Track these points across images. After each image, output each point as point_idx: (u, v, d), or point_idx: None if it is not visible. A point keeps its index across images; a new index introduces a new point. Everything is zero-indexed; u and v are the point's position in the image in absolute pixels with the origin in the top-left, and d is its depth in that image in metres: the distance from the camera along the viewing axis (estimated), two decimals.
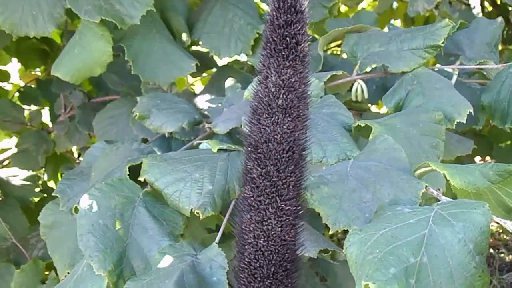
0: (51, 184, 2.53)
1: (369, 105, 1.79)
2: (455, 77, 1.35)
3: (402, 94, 1.25)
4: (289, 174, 0.74)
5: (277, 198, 0.73)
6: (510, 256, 3.12)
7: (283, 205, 0.73)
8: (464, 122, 1.15)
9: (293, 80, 0.73)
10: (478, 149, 1.86)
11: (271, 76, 0.74)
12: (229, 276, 0.95)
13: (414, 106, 1.19)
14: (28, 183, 2.25)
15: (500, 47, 1.96)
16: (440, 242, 0.72)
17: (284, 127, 0.73)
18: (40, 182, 2.42)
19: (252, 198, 0.74)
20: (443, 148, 1.10)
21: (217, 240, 1.06)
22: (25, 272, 1.78)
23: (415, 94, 1.22)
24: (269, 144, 0.73)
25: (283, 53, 0.73)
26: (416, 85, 1.23)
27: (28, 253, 1.94)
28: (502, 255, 3.14)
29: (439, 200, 0.85)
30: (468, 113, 1.15)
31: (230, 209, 1.10)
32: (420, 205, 0.84)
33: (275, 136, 0.73)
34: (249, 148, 0.75)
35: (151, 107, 1.34)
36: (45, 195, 2.27)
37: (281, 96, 0.73)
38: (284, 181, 0.73)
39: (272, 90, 0.73)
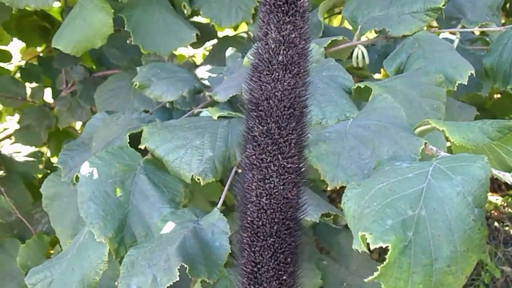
0: (54, 160, 2.53)
1: (371, 74, 1.77)
2: (457, 41, 1.33)
3: (403, 57, 1.24)
4: (290, 132, 0.73)
5: (279, 156, 0.72)
6: None
7: (285, 163, 0.73)
8: (466, 83, 1.13)
9: (293, 36, 0.72)
10: None
11: (271, 32, 0.73)
12: (232, 247, 0.95)
13: (415, 69, 1.18)
14: (31, 159, 2.25)
15: (503, 20, 1.94)
16: (438, 195, 0.71)
17: (285, 83, 0.72)
18: (43, 158, 2.41)
19: (253, 157, 0.73)
20: (444, 110, 1.09)
21: (219, 206, 1.05)
22: (30, 247, 1.78)
23: (416, 57, 1.21)
24: (270, 101, 0.72)
25: (283, 8, 0.72)
26: (417, 48, 1.22)
27: (32, 228, 1.95)
28: (507, 228, 3.14)
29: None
30: (469, 74, 1.14)
31: (232, 175, 1.10)
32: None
33: (276, 93, 0.72)
34: (250, 106, 0.74)
35: (151, 76, 1.34)
36: (49, 171, 2.27)
37: (281, 52, 0.72)
38: (285, 138, 0.73)
39: (272, 46, 0.72)
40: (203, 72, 1.51)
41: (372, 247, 0.68)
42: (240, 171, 0.79)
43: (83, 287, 1.05)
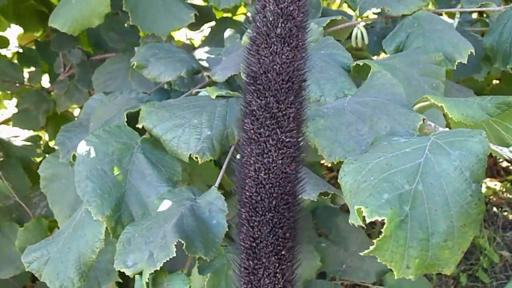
0: (52, 144, 2.52)
1: (371, 56, 1.77)
2: (456, 21, 1.33)
3: (402, 37, 1.23)
4: (289, 105, 0.72)
5: (277, 130, 0.72)
6: None
7: (283, 137, 0.72)
8: (465, 62, 1.13)
9: (291, 8, 0.71)
10: None
11: (269, 5, 0.72)
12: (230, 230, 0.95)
13: (414, 48, 1.18)
14: (29, 143, 2.24)
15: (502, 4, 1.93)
16: (436, 170, 0.71)
17: (283, 57, 0.71)
18: (41, 142, 2.40)
19: (252, 131, 0.73)
20: (443, 90, 1.09)
21: (216, 184, 1.05)
22: (28, 230, 1.78)
23: (415, 36, 1.20)
24: (268, 75, 0.72)
25: None
26: (416, 28, 1.21)
27: (31, 212, 1.95)
28: (505, 213, 3.14)
29: None
30: (469, 53, 1.14)
31: (228, 158, 1.09)
32: None
33: (274, 67, 0.71)
34: (248, 80, 0.73)
35: (149, 56, 1.33)
36: (47, 155, 2.26)
37: (279, 25, 0.71)
38: (284, 112, 0.72)
39: (270, 19, 0.72)
40: (201, 54, 1.50)
41: (368, 221, 0.67)
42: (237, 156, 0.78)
43: (79, 265, 1.04)
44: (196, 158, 1.04)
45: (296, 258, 0.75)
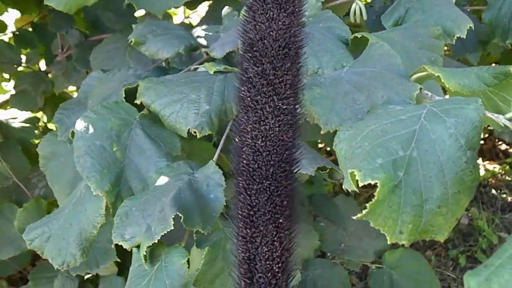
0: (51, 126, 2.52)
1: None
2: None
3: (401, 12, 1.22)
4: (285, 72, 0.72)
5: (274, 97, 0.71)
6: None
7: (280, 104, 0.71)
8: (464, 36, 1.12)
9: None
10: None
11: None
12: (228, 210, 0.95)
13: (413, 21, 1.17)
14: (28, 125, 2.24)
15: None
16: (431, 137, 0.71)
17: (280, 23, 0.71)
18: (39, 124, 2.40)
19: (249, 99, 0.72)
20: (442, 64, 1.08)
21: (214, 158, 1.05)
22: (27, 211, 1.78)
23: (414, 11, 1.20)
24: (265, 41, 0.71)
25: None
26: (415, 2, 1.21)
27: (30, 193, 1.95)
28: (504, 195, 3.15)
29: None
30: (468, 28, 1.13)
31: (225, 136, 1.09)
32: None
33: (271, 33, 0.71)
34: (245, 47, 0.73)
35: (147, 33, 1.32)
36: None
37: None
38: (280, 79, 0.71)
39: None
40: (199, 31, 1.50)
41: (361, 184, 0.67)
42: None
43: (81, 241, 1.05)
44: (195, 132, 1.03)
45: (293, 227, 0.75)
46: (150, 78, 1.14)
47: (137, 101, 1.11)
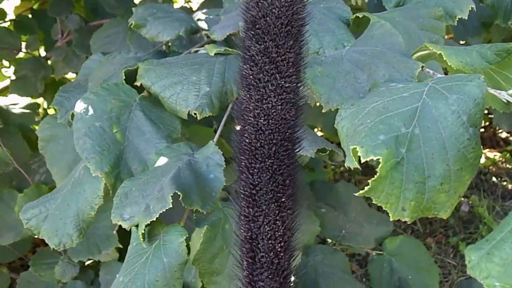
0: (51, 112, 2.51)
1: None
2: None
3: None
4: (288, 50, 0.71)
5: (277, 75, 0.71)
6: None
7: (282, 82, 0.71)
8: (466, 17, 1.11)
9: None
10: None
11: None
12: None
13: (414, 2, 1.16)
14: (28, 111, 2.23)
15: None
16: (433, 114, 0.70)
17: (282, 0, 0.70)
18: (40, 110, 2.39)
19: (251, 77, 0.72)
20: (443, 45, 1.07)
21: (214, 139, 1.04)
22: (28, 196, 1.77)
23: None
24: (267, 18, 0.70)
25: None
26: None
27: (30, 178, 1.94)
28: (504, 183, 3.16)
29: None
30: (470, 9, 1.12)
31: (224, 119, 1.09)
32: None
33: (273, 10, 0.70)
34: (247, 25, 0.72)
35: (147, 15, 1.31)
36: None
37: None
38: (283, 57, 0.71)
39: None
40: (200, 15, 1.49)
41: (363, 160, 0.67)
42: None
43: (78, 222, 1.04)
44: (195, 114, 1.03)
45: (296, 206, 0.74)
46: (150, 60, 1.13)
47: (137, 83, 1.10)
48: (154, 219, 0.87)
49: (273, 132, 0.71)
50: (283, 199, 0.72)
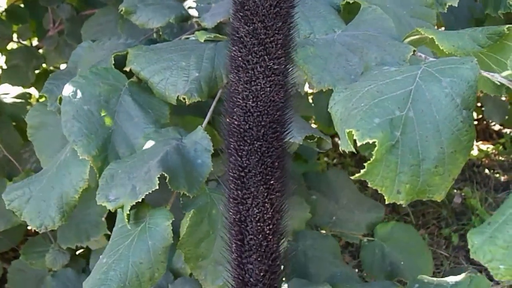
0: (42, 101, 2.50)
1: None
2: None
3: None
4: (276, 31, 0.71)
5: (265, 57, 0.70)
6: (505, 176, 3.14)
7: (271, 64, 0.71)
8: (456, 5, 1.11)
9: None
10: None
11: None
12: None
13: None
14: (19, 100, 2.22)
15: None
16: (426, 97, 0.70)
17: None
18: (31, 100, 2.38)
19: (240, 58, 0.71)
20: None
21: (203, 125, 1.04)
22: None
23: None
24: None
25: None
26: None
27: (21, 168, 1.94)
28: (497, 175, 3.16)
29: None
30: None
31: (213, 106, 1.08)
32: None
33: None
34: (236, 6, 0.72)
35: (138, 2, 1.30)
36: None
37: None
38: (271, 38, 0.71)
39: None
40: (190, 3, 1.48)
41: (359, 144, 0.67)
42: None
43: (61, 204, 1.04)
44: (184, 99, 1.02)
45: (285, 189, 0.74)
46: (140, 46, 1.13)
47: (126, 68, 1.10)
48: (140, 200, 0.87)
49: (261, 114, 0.71)
50: (271, 182, 0.72)
